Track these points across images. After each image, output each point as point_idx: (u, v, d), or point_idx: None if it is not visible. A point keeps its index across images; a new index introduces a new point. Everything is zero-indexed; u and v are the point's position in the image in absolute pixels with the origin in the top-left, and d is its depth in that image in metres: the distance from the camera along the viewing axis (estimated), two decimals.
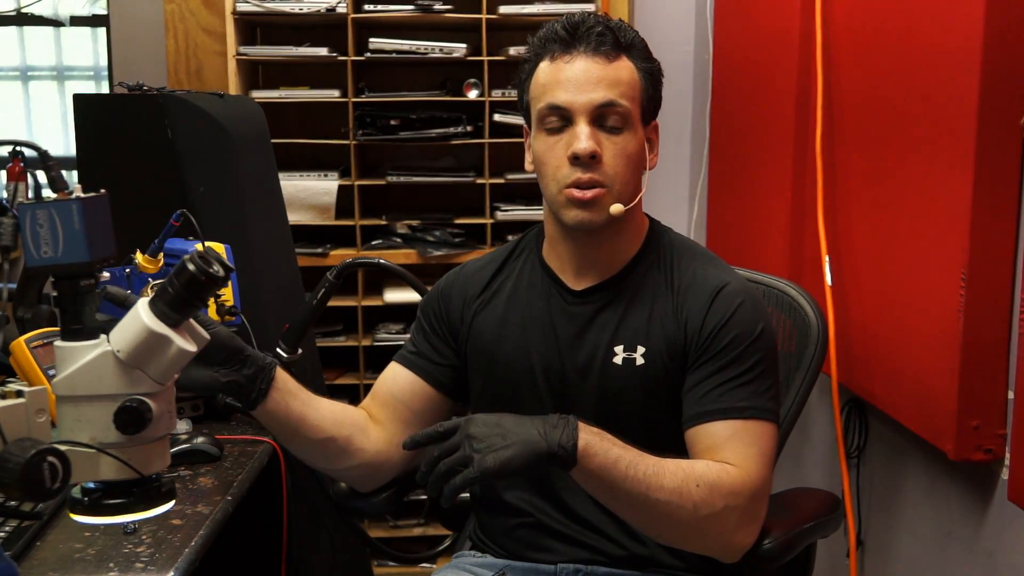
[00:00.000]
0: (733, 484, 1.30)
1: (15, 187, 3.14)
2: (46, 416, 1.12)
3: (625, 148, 1.38)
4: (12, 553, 1.21)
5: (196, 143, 2.08)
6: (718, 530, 1.30)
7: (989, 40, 1.60)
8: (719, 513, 1.29)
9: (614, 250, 1.46)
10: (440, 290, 1.57)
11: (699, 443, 1.36)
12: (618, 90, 1.37)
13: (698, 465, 1.31)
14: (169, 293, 1.10)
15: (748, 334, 1.38)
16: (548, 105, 1.38)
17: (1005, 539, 1.74)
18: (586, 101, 1.36)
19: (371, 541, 2.01)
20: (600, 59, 1.37)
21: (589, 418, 1.42)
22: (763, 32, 2.61)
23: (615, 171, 1.37)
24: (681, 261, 1.46)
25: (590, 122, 1.36)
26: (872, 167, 2.02)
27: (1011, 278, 1.66)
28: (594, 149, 1.35)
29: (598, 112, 1.36)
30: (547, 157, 1.39)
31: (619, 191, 1.38)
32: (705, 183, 3.11)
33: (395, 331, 3.04)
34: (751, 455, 1.33)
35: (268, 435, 1.70)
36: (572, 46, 1.38)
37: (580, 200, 1.37)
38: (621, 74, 1.38)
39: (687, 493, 1.27)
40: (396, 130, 2.97)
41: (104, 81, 3.89)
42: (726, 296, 1.40)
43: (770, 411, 1.37)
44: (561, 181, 1.38)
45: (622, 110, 1.37)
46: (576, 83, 1.36)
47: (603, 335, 1.44)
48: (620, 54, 1.39)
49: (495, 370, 1.49)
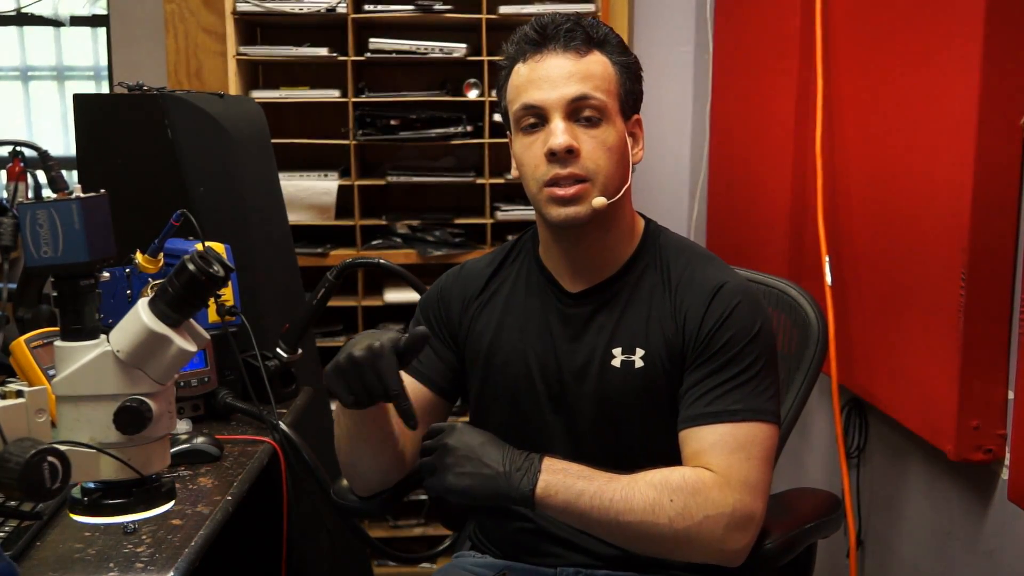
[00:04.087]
0: (711, 493, 1.29)
1: (15, 187, 3.14)
2: (46, 416, 1.12)
3: (604, 141, 1.37)
4: (12, 553, 1.21)
5: (196, 143, 2.08)
6: (704, 539, 1.29)
7: (989, 40, 1.60)
8: (699, 523, 1.28)
9: (607, 250, 1.45)
10: (439, 292, 1.56)
11: (687, 447, 1.36)
12: (591, 83, 1.36)
13: (673, 478, 1.30)
14: (169, 293, 1.10)
15: (745, 333, 1.38)
16: (522, 105, 1.37)
17: (1005, 539, 1.74)
18: (558, 97, 1.35)
19: (371, 541, 2.01)
20: (571, 55, 1.37)
21: (588, 421, 1.43)
22: (763, 32, 2.61)
23: (596, 164, 1.36)
24: (678, 261, 1.45)
25: (565, 117, 1.35)
26: (872, 166, 2.03)
27: (1011, 278, 1.66)
28: (570, 143, 1.34)
29: (572, 107, 1.35)
30: (526, 158, 1.39)
31: (603, 184, 1.37)
32: (705, 183, 3.11)
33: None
34: (736, 460, 1.32)
35: (268, 435, 1.70)
36: (543, 45, 1.38)
37: (562, 198, 1.36)
38: (593, 68, 1.37)
39: (661, 509, 1.27)
40: (396, 130, 2.97)
41: (104, 81, 3.90)
42: (724, 295, 1.40)
43: (767, 412, 1.36)
44: (540, 179, 1.37)
45: (596, 103, 1.36)
46: (548, 80, 1.36)
47: (600, 337, 1.43)
48: (592, 49, 1.38)
49: (492, 373, 1.49)
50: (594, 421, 1.43)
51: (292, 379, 1.91)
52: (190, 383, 1.73)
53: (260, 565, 1.80)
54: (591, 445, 1.43)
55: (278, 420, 1.74)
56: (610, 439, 1.43)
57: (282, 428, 1.72)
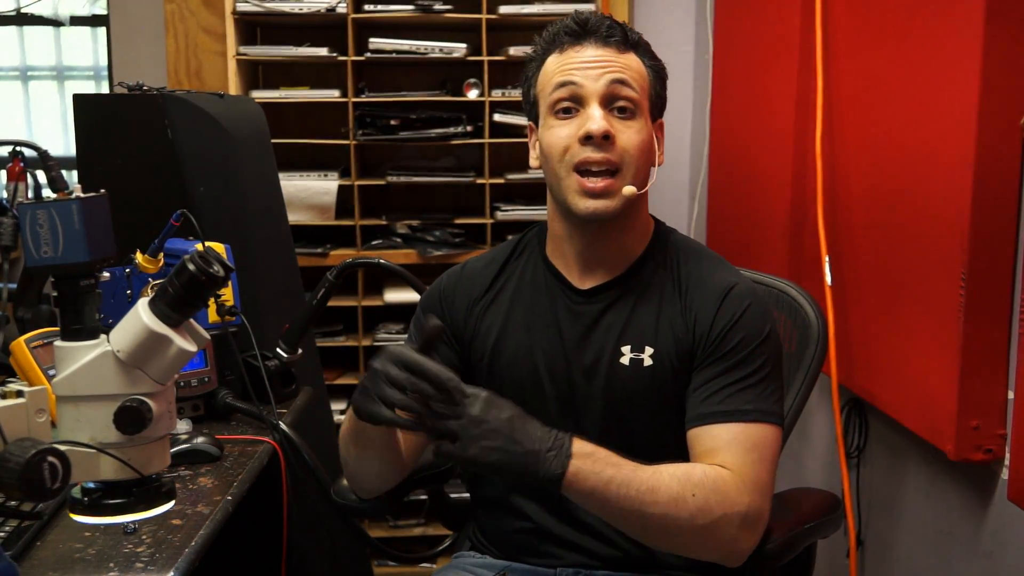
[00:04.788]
0: (730, 491, 1.28)
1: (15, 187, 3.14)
2: (46, 416, 1.12)
3: (638, 132, 1.38)
4: (12, 553, 1.21)
5: (196, 143, 2.08)
6: (718, 537, 1.29)
7: (989, 40, 1.60)
8: (717, 520, 1.28)
9: (621, 247, 1.45)
10: (441, 292, 1.55)
11: (699, 444, 1.35)
12: (629, 74, 1.38)
13: (695, 473, 1.29)
14: (169, 293, 1.10)
15: (756, 336, 1.38)
16: (559, 84, 1.38)
17: (1005, 539, 1.74)
18: (598, 83, 1.36)
19: (371, 541, 2.01)
20: (611, 48, 1.39)
21: (595, 419, 1.42)
22: (763, 32, 2.61)
23: (628, 153, 1.37)
24: (688, 261, 1.45)
25: (602, 104, 1.36)
26: (872, 166, 2.02)
27: (1011, 278, 1.66)
28: (607, 129, 1.35)
29: (609, 93, 1.36)
30: (556, 140, 1.38)
31: (632, 174, 1.38)
32: (705, 183, 3.11)
33: (395, 331, 3.04)
34: (750, 460, 1.32)
35: (268, 435, 1.70)
36: (583, 37, 1.39)
37: (591, 190, 1.36)
38: (631, 63, 1.40)
39: (683, 503, 1.26)
40: (396, 130, 2.98)
41: (104, 81, 3.90)
42: (735, 297, 1.40)
43: (774, 414, 1.37)
44: (569, 162, 1.36)
45: (632, 95, 1.38)
46: (588, 64, 1.37)
47: (610, 335, 1.43)
48: (628, 49, 1.41)
49: (498, 371, 1.48)
50: (601, 419, 1.43)
51: (292, 379, 1.91)
52: (190, 383, 1.73)
53: (260, 565, 1.80)
54: (598, 443, 1.42)
55: (278, 420, 1.74)
56: (616, 437, 1.42)
57: (282, 428, 1.72)
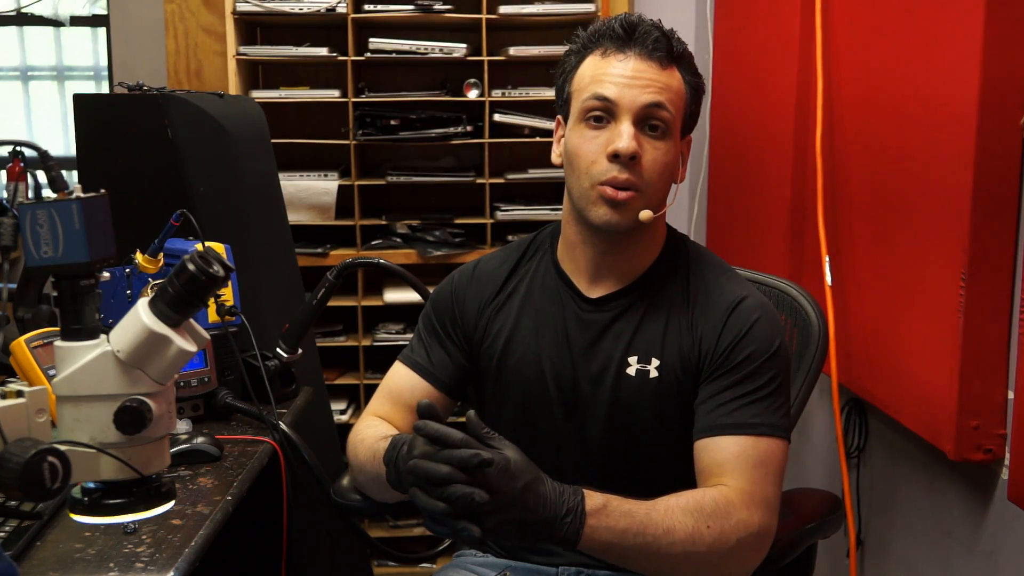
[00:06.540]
0: (740, 513, 1.27)
1: (15, 187, 3.15)
2: (46, 416, 1.12)
3: (665, 154, 1.36)
4: (12, 553, 1.21)
5: (196, 143, 2.08)
6: (735, 559, 1.29)
7: (989, 40, 1.60)
8: (733, 547, 1.26)
9: (632, 257, 1.44)
10: (451, 292, 1.53)
11: (707, 456, 1.34)
12: (666, 96, 1.35)
13: (706, 503, 1.27)
14: (169, 293, 1.10)
15: (764, 350, 1.37)
16: (595, 95, 1.35)
17: (1005, 539, 1.74)
18: (634, 99, 1.34)
19: (371, 541, 2.01)
20: (653, 63, 1.36)
21: (599, 426, 1.42)
22: (763, 32, 2.61)
23: (651, 177, 1.35)
24: (698, 273, 1.44)
25: (634, 122, 1.34)
26: (872, 166, 2.03)
27: (1011, 278, 1.66)
28: (635, 150, 1.33)
29: (643, 113, 1.34)
30: (583, 150, 1.36)
31: (650, 197, 1.36)
32: (705, 183, 3.11)
33: (395, 331, 3.03)
34: (757, 476, 1.31)
35: (268, 435, 1.70)
36: (627, 45, 1.36)
37: (612, 199, 1.34)
38: (671, 82, 1.37)
39: (700, 537, 1.24)
40: (396, 130, 2.97)
41: (104, 81, 3.90)
42: (743, 311, 1.39)
43: (782, 428, 1.35)
44: (595, 177, 1.35)
45: (667, 116, 1.35)
46: (627, 80, 1.35)
47: (617, 345, 1.42)
48: (672, 64, 1.38)
49: (505, 375, 1.47)
50: (605, 429, 1.42)
51: (292, 379, 1.91)
52: (190, 383, 1.73)
53: (260, 565, 1.80)
54: (601, 452, 1.43)
55: (278, 420, 1.73)
56: (620, 447, 1.42)
57: (282, 428, 1.72)
